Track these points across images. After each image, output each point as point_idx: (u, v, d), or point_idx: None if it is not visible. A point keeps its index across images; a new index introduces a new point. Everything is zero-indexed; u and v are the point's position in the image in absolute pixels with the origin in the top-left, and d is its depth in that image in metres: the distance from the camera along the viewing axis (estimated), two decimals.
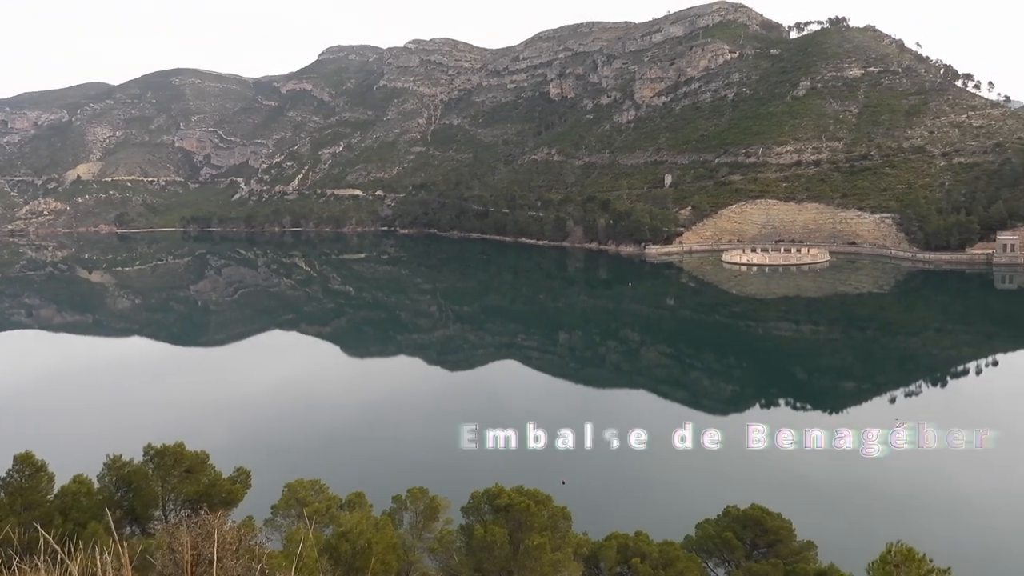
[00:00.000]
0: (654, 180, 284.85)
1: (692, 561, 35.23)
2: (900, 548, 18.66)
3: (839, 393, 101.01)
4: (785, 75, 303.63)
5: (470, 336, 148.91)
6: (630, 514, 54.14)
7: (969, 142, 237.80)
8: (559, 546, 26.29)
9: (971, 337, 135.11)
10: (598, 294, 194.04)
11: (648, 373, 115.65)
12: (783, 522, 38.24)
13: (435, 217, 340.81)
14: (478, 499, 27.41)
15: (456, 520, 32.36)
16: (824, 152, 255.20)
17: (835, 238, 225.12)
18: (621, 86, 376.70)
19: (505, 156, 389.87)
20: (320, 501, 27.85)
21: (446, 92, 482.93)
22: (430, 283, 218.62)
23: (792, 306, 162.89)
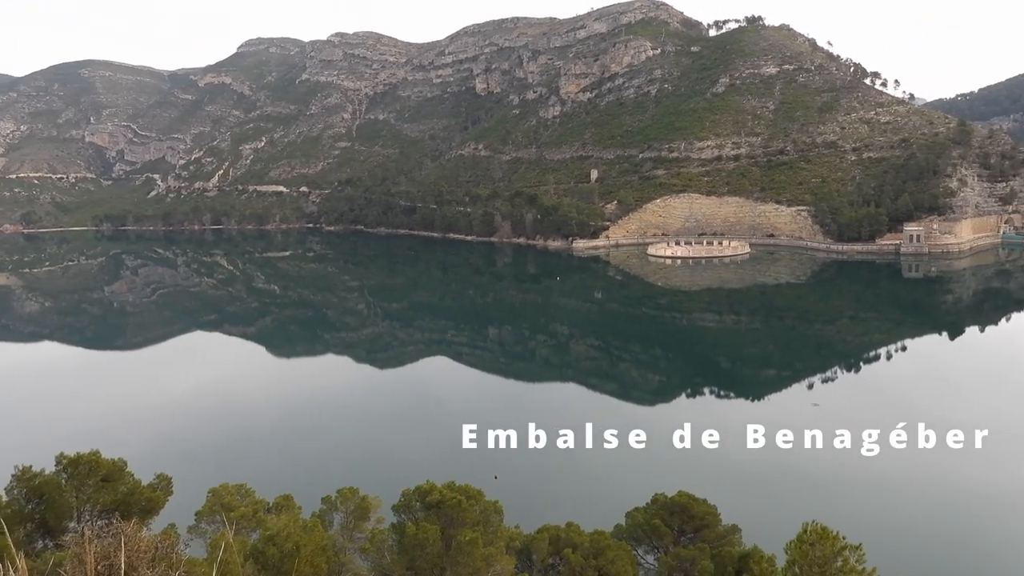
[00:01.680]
0: (580, 175, 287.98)
1: (622, 549, 35.84)
2: (815, 527, 19.43)
3: (760, 380, 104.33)
4: (705, 72, 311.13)
5: (399, 333, 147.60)
6: (562, 506, 54.69)
7: (877, 138, 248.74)
8: (491, 540, 26.33)
9: (882, 324, 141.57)
10: (527, 289, 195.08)
11: (577, 366, 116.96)
12: (709, 508, 39.30)
13: (362, 213, 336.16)
14: (409, 497, 27.22)
15: (388, 519, 32.03)
16: (743, 147, 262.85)
17: (755, 230, 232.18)
18: (547, 81, 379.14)
19: (432, 151, 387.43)
20: (246, 505, 27.15)
21: (371, 86, 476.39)
22: (357, 280, 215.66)
23: (715, 297, 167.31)
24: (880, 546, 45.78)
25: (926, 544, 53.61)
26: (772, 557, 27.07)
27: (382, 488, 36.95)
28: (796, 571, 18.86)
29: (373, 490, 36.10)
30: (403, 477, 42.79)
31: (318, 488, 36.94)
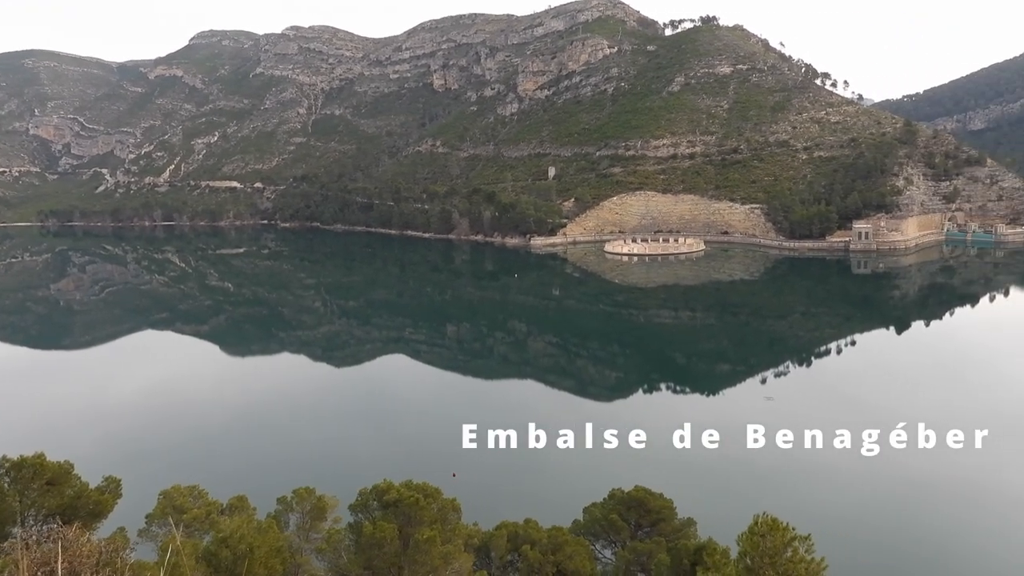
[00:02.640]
0: (538, 172, 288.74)
1: (580, 544, 36.12)
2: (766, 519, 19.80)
3: (715, 376, 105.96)
4: (661, 71, 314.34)
5: (356, 331, 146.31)
6: (521, 503, 54.84)
7: (828, 137, 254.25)
8: (449, 538, 26.28)
9: (832, 319, 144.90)
10: (485, 286, 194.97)
11: (535, 363, 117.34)
12: (665, 502, 39.81)
13: (318, 210, 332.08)
14: (366, 496, 27.01)
15: (345, 519, 31.75)
16: (698, 146, 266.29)
17: (709, 228, 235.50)
18: (504, 78, 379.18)
19: (389, 147, 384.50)
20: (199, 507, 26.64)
21: (327, 81, 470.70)
22: (314, 278, 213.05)
23: (671, 294, 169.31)
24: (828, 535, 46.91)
25: (872, 532, 55.05)
26: (726, 549, 27.51)
27: (339, 487, 36.60)
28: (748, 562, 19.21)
29: (330, 490, 35.74)
30: (360, 476, 42.47)
31: (274, 488, 36.43)
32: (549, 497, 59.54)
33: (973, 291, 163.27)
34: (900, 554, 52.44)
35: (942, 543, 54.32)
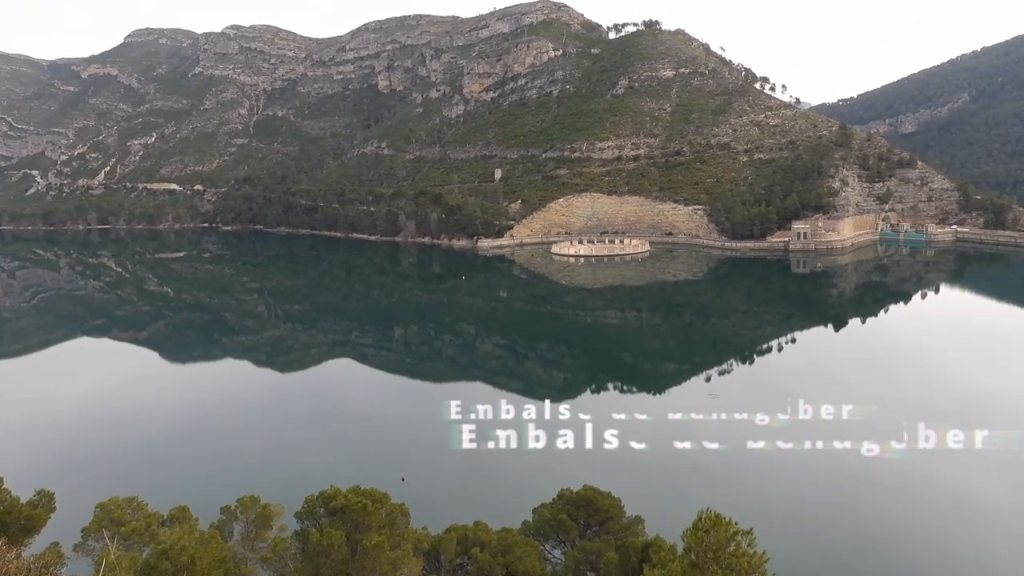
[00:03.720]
0: (484, 174, 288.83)
1: (530, 545, 36.23)
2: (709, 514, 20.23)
3: (661, 374, 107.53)
4: (605, 74, 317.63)
5: (302, 336, 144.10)
6: (471, 506, 54.84)
7: (767, 140, 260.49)
8: (398, 543, 26.10)
9: (773, 317, 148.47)
10: (432, 288, 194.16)
11: (484, 365, 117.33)
12: (613, 500, 40.22)
13: (261, 212, 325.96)
14: (313, 503, 26.63)
15: (291, 526, 31.22)
16: (642, 148, 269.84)
17: (654, 229, 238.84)
18: (450, 80, 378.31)
19: (334, 149, 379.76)
20: (138, 519, 25.88)
21: (269, 82, 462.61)
22: (257, 281, 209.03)
23: (617, 294, 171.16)
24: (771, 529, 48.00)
25: (813, 524, 56.63)
26: (673, 546, 27.95)
27: (285, 495, 35.96)
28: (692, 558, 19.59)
29: (276, 497, 35.10)
30: (307, 483, 41.83)
31: (217, 498, 35.61)
32: (499, 499, 59.64)
33: (906, 289, 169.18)
34: (839, 544, 54.04)
35: (879, 533, 56.09)
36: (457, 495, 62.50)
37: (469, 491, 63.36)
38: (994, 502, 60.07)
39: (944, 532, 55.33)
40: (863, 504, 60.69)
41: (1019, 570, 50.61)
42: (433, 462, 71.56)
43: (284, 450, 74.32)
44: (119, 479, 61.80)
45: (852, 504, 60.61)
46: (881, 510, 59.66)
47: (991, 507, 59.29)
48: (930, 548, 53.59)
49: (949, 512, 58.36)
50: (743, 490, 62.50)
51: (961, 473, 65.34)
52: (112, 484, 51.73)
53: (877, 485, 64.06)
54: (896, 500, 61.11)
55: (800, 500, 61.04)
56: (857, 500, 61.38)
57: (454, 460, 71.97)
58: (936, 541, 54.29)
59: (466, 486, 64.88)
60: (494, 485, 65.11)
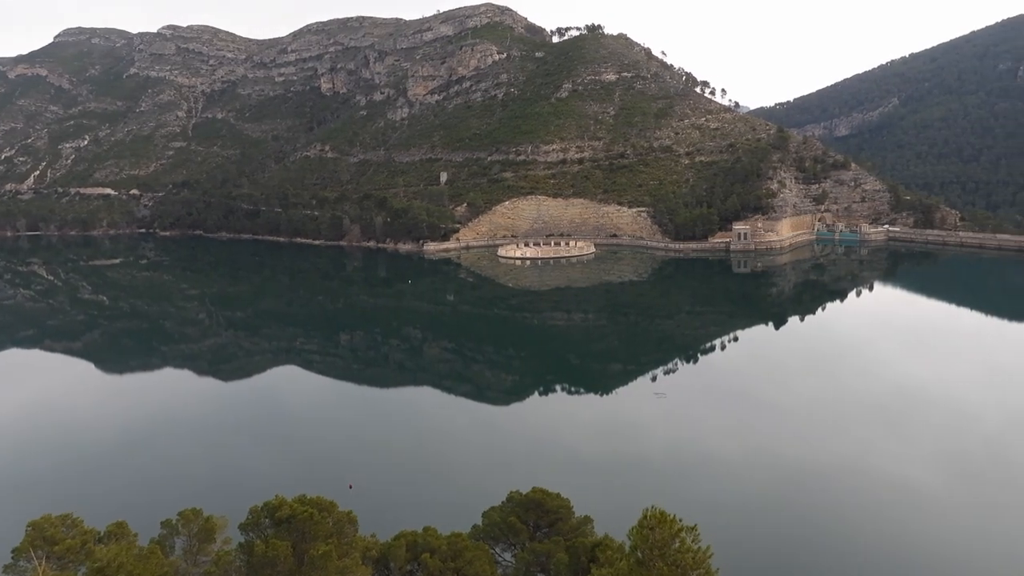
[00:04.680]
0: (430, 178, 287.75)
1: (480, 549, 36.22)
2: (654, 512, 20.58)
3: (608, 375, 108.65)
4: (549, 77, 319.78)
5: (244, 343, 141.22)
6: (420, 511, 54.52)
7: (708, 143, 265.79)
8: (346, 552, 25.81)
9: (716, 317, 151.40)
10: (378, 293, 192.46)
11: (432, 369, 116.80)
12: (562, 501, 40.50)
13: (200, 217, 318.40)
14: (258, 513, 26.16)
15: (236, 539, 30.58)
16: (587, 151, 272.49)
17: (599, 231, 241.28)
18: (394, 83, 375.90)
19: (276, 152, 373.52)
20: (73, 537, 25.03)
21: (207, 83, 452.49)
22: (198, 288, 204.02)
23: (564, 296, 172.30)
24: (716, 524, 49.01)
25: (756, 517, 57.89)
26: (621, 545, 28.29)
27: (229, 507, 35.20)
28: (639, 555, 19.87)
29: (219, 509, 34.32)
30: (252, 493, 41.06)
31: (158, 512, 34.67)
32: (448, 503, 59.40)
33: (842, 287, 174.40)
34: (782, 536, 55.36)
35: (820, 524, 57.71)
36: (406, 501, 62.04)
37: (418, 496, 62.97)
38: (927, 489, 62.37)
39: (881, 520, 57.18)
40: (805, 496, 62.32)
41: (951, 553, 52.65)
42: (381, 468, 70.97)
43: (228, 461, 72.77)
44: (52, 496, 59.68)
45: (794, 496, 62.18)
46: (822, 501, 61.37)
47: (925, 494, 61.56)
48: (868, 536, 55.32)
49: (886, 500, 60.34)
50: (689, 487, 63.58)
51: (896, 463, 67.69)
52: (45, 501, 49.90)
53: (818, 477, 65.88)
54: (836, 491, 62.93)
55: (745, 494, 62.35)
56: (799, 492, 62.99)
57: (403, 465, 71.55)
58: (874, 529, 56.08)
59: (415, 491, 64.46)
60: (444, 489, 64.86)
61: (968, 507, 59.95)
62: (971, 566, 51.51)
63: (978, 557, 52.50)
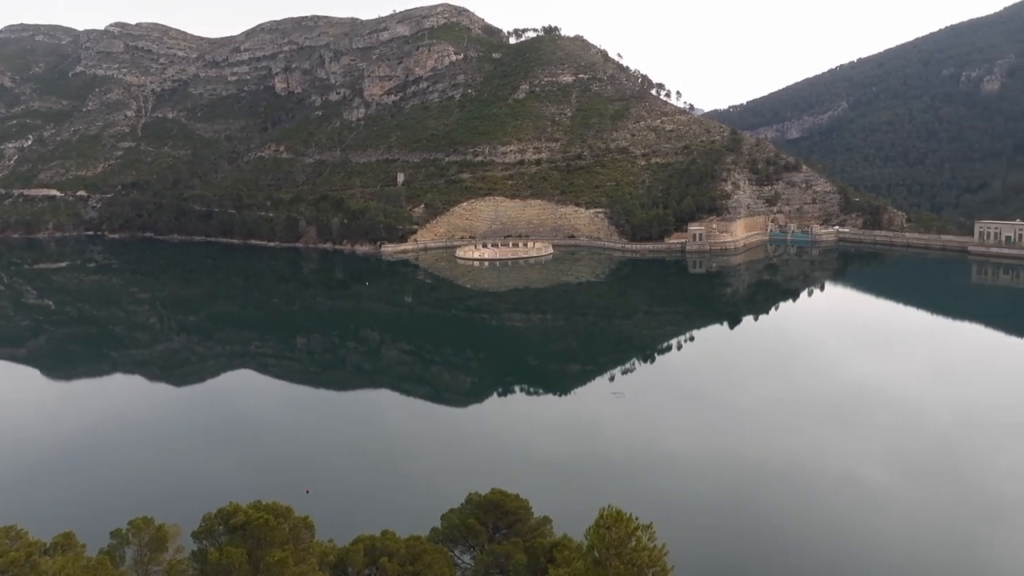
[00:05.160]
0: (387, 178, 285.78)
1: (439, 552, 36.12)
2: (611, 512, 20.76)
3: (567, 375, 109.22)
4: (506, 79, 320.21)
5: (198, 347, 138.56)
6: (378, 514, 54.13)
7: (663, 144, 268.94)
8: (303, 558, 25.51)
9: (672, 317, 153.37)
10: (336, 295, 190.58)
11: (390, 372, 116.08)
12: (521, 502, 40.58)
13: (151, 219, 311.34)
14: (211, 521, 25.70)
15: (189, 547, 30.00)
16: (544, 152, 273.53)
17: (557, 232, 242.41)
18: (350, 83, 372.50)
19: (229, 153, 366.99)
20: (17, 549, 24.28)
21: (158, 82, 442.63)
22: (148, 292, 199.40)
23: (522, 297, 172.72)
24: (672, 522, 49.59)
25: (712, 514, 58.75)
26: (579, 545, 28.47)
27: (182, 515, 34.50)
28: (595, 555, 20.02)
29: (172, 518, 33.62)
30: (206, 500, 40.28)
31: (107, 522, 33.83)
32: (407, 506, 59.07)
33: (794, 287, 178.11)
34: (737, 533, 56.25)
35: (774, 520, 58.80)
36: (364, 505, 61.55)
37: (377, 500, 62.53)
38: (878, 486, 63.97)
39: (833, 516, 58.53)
40: (759, 494, 63.40)
41: (901, 548, 54.07)
42: (339, 472, 70.29)
43: (181, 468, 71.29)
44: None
45: (749, 494, 63.21)
46: (776, 498, 62.53)
47: (875, 491, 63.11)
48: (820, 532, 56.59)
49: (838, 497, 61.75)
50: (647, 486, 64.21)
51: (848, 460, 69.31)
52: None
53: (772, 475, 67.11)
54: (790, 488, 64.19)
55: (701, 493, 63.24)
56: (754, 490, 64.05)
57: (361, 469, 70.99)
58: (826, 525, 57.38)
59: (374, 495, 63.99)
60: (402, 492, 64.48)
61: (916, 502, 61.71)
62: (920, 560, 53.00)
63: (926, 551, 54.08)
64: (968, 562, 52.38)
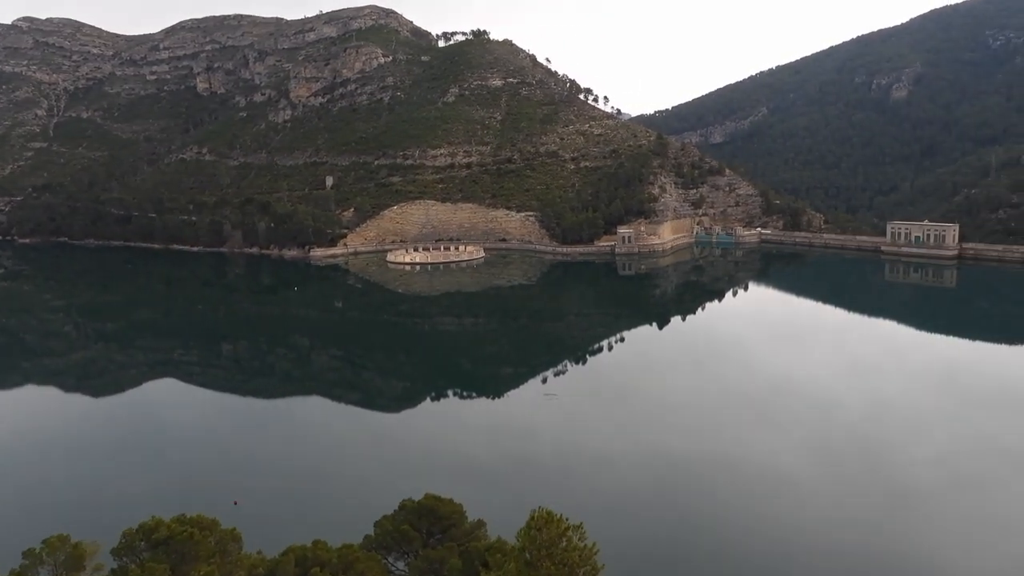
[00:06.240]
0: (315, 182, 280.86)
1: (372, 560, 35.77)
2: (542, 513, 20.98)
3: (500, 378, 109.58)
4: (436, 82, 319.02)
5: (117, 356, 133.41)
6: (310, 524, 53.16)
7: (592, 148, 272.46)
8: (230, 571, 24.90)
9: (603, 318, 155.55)
10: (263, 300, 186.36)
11: (320, 378, 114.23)
12: (455, 506, 40.52)
13: (65, 223, 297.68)
14: (132, 537, 24.83)
15: (109, 565, 28.91)
16: (474, 155, 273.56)
17: (488, 235, 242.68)
18: (276, 84, 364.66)
19: (149, 155, 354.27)
20: None
21: (71, 80, 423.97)
22: (63, 299, 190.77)
23: (454, 301, 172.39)
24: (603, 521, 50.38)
25: (643, 512, 59.90)
26: (513, 547, 28.61)
27: (101, 532, 33.18)
28: (527, 556, 20.18)
29: (90, 535, 32.28)
30: (127, 516, 38.81)
31: (19, 541, 32.30)
32: (340, 515, 58.25)
33: (720, 287, 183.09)
34: (666, 528, 57.51)
35: (703, 515, 60.34)
36: (295, 514, 60.36)
37: (308, 509, 61.41)
38: (797, 476, 66.36)
39: (756, 507, 60.43)
40: (688, 489, 64.97)
41: (818, 533, 56.23)
42: (269, 482, 68.76)
43: (99, 482, 68.52)
44: None
45: (678, 489, 64.70)
46: (703, 492, 64.18)
47: (795, 481, 65.46)
48: (744, 522, 58.30)
49: (761, 489, 63.77)
50: (580, 485, 64.95)
51: (770, 453, 71.65)
52: None
53: (700, 470, 68.85)
54: (716, 482, 65.93)
55: (632, 490, 64.37)
56: (682, 485, 65.60)
57: (292, 478, 69.61)
58: (750, 515, 59.16)
59: (305, 504, 62.83)
60: (335, 501, 63.55)
61: (834, 490, 64.32)
62: (838, 543, 55.22)
63: (844, 534, 56.37)
64: (882, 543, 54.89)
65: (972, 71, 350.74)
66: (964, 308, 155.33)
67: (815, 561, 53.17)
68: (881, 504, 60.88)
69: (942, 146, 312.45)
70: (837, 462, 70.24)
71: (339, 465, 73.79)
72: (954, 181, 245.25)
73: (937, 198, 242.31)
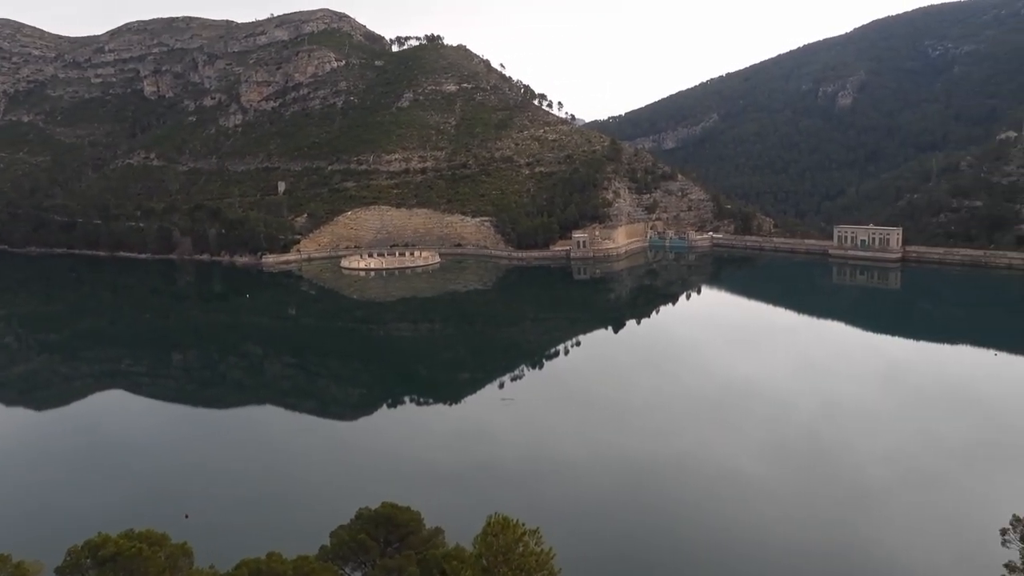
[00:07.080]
0: (267, 187, 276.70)
1: (328, 571, 35.34)
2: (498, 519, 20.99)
3: (456, 383, 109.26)
4: (390, 87, 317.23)
5: (61, 368, 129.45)
6: (264, 536, 52.14)
7: (547, 154, 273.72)
8: None
9: (559, 323, 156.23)
10: (214, 308, 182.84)
11: (273, 387, 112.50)
12: (412, 514, 40.27)
13: (5, 230, 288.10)
14: (77, 554, 24.09)
15: None
16: (429, 161, 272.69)
17: (443, 241, 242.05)
18: (226, 88, 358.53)
19: (93, 160, 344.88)
20: None
21: (10, 83, 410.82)
22: (3, 308, 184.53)
23: (410, 307, 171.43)
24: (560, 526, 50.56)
25: (600, 517, 60.24)
26: (471, 554, 28.53)
27: (45, 550, 32.14)
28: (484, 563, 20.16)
29: (33, 554, 31.24)
30: (72, 533, 37.65)
31: None
32: (295, 526, 57.31)
33: (673, 291, 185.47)
34: (624, 533, 57.89)
35: (662, 518, 60.93)
36: (249, 527, 59.27)
37: (262, 521, 60.31)
38: (754, 477, 67.45)
39: (715, 509, 61.24)
40: (645, 492, 65.52)
41: (776, 532, 57.22)
42: (221, 494, 67.41)
43: (44, 498, 66.34)
44: None
45: (636, 493, 65.20)
46: (662, 496, 64.85)
47: (752, 482, 66.52)
48: (702, 525, 59.06)
49: (718, 491, 64.65)
50: (537, 490, 65.08)
51: (727, 455, 72.70)
52: None
53: (657, 473, 69.55)
54: (674, 485, 66.72)
55: (589, 494, 64.69)
56: (640, 489, 66.13)
57: (244, 489, 68.39)
58: (708, 517, 59.95)
59: (259, 516, 61.73)
60: (289, 512, 62.55)
61: (790, 489, 65.62)
62: (796, 541, 56.29)
63: (802, 532, 57.52)
64: (839, 539, 56.13)
65: (913, 79, 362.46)
66: (908, 309, 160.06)
67: (775, 559, 54.05)
68: (838, 501, 62.26)
69: (885, 152, 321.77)
70: (793, 461, 71.70)
71: (294, 475, 72.68)
72: (897, 186, 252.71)
73: (882, 202, 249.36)
